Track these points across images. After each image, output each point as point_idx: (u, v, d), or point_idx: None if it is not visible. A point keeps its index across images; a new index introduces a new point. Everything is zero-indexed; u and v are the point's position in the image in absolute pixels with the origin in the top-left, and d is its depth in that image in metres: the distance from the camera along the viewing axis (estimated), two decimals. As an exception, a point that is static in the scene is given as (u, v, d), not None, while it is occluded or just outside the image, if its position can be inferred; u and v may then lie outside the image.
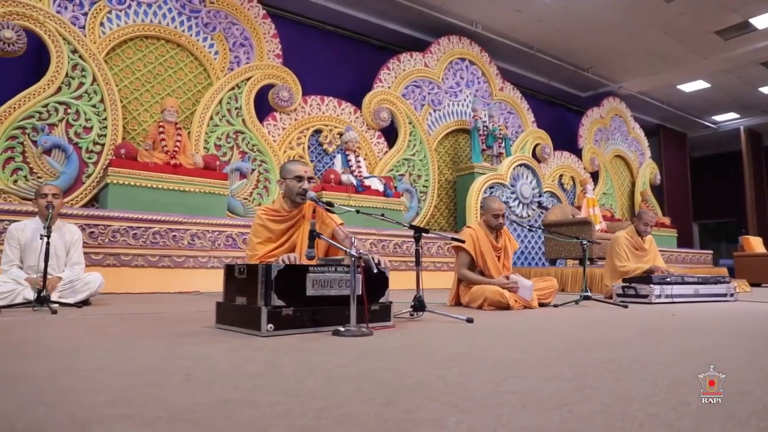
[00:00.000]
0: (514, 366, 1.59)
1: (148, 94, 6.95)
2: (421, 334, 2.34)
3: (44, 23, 6.13)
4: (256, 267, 2.23)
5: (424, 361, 1.66)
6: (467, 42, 10.00)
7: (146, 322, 2.68)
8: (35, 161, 6.01)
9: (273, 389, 1.24)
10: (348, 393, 1.21)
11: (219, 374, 1.41)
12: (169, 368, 1.49)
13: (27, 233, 3.86)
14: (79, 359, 1.61)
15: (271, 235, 2.98)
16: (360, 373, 1.44)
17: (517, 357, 1.76)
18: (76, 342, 1.98)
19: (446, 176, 9.56)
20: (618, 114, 12.76)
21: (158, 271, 5.65)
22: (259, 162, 7.43)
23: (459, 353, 1.83)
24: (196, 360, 1.63)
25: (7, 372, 1.41)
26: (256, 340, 2.03)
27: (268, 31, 7.80)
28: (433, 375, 1.43)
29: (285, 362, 1.60)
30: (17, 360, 1.60)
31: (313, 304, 2.31)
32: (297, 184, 2.96)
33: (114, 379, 1.32)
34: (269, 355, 1.73)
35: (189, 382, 1.31)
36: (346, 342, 2.05)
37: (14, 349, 1.81)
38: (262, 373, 1.44)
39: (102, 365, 1.52)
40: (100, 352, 1.74)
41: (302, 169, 2.99)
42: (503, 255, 4.08)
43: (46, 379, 1.32)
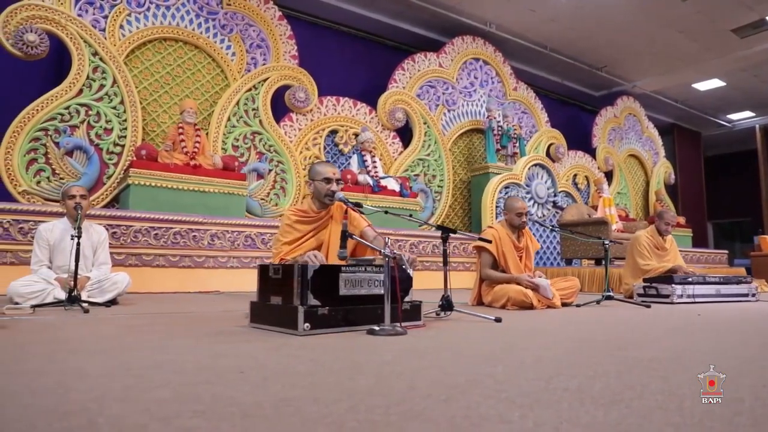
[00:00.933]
0: (556, 364, 1.61)
1: (166, 96, 7.02)
2: (454, 334, 2.37)
3: (66, 26, 6.21)
4: (291, 267, 2.26)
5: (467, 360, 1.68)
6: (481, 42, 10.00)
7: (179, 322, 2.72)
8: (57, 162, 6.09)
9: (329, 386, 1.26)
10: (404, 390, 1.23)
11: (271, 372, 1.44)
12: (219, 366, 1.53)
13: (56, 234, 3.92)
14: (130, 357, 1.65)
15: (299, 235, 3.02)
16: (408, 371, 1.47)
17: (555, 355, 1.78)
18: (119, 340, 2.02)
19: (461, 176, 9.57)
20: (632, 113, 12.70)
21: (179, 271, 5.71)
22: (276, 162, 7.47)
23: (498, 352, 1.85)
24: (243, 358, 1.66)
25: (67, 368, 1.45)
26: (294, 339, 2.07)
27: (284, 32, 7.85)
28: (480, 373, 1.46)
29: (330, 360, 1.63)
30: (72, 357, 1.64)
31: (346, 304, 2.34)
32: (325, 185, 3.00)
33: (171, 377, 1.36)
34: (313, 353, 1.76)
35: (244, 379, 1.34)
36: (383, 341, 2.07)
37: (64, 347, 1.86)
38: (313, 371, 1.47)
39: (154, 363, 1.56)
40: (148, 351, 1.78)
41: (330, 171, 3.02)
42: (525, 255, 4.09)
43: (107, 376, 1.35)
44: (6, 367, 1.48)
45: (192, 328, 2.41)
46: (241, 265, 6.08)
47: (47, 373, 1.39)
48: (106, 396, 1.14)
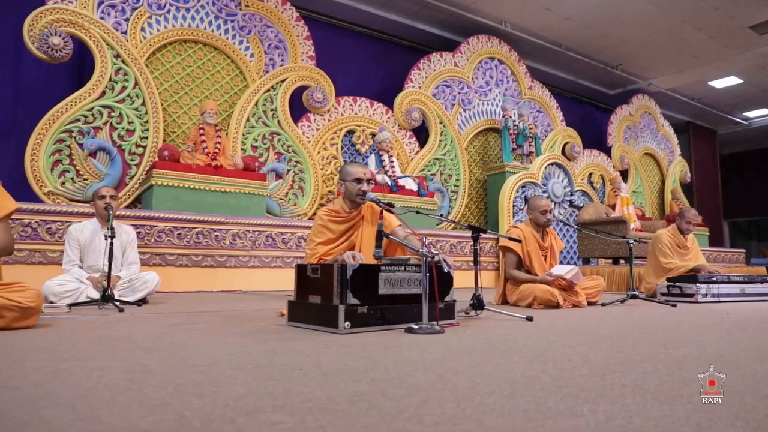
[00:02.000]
0: (604, 361, 1.63)
1: (186, 97, 7.09)
2: (492, 332, 2.39)
3: (89, 29, 6.29)
4: (331, 267, 2.30)
5: (516, 357, 1.70)
6: (496, 41, 10.00)
7: (216, 320, 2.76)
8: (81, 164, 6.17)
9: (392, 382, 1.29)
10: (467, 386, 1.26)
11: (329, 369, 1.48)
12: (276, 363, 1.56)
13: (86, 234, 3.99)
14: (188, 355, 1.69)
15: (332, 235, 3.06)
16: (464, 368, 1.50)
17: (601, 353, 1.80)
18: (168, 338, 2.07)
19: (476, 175, 9.57)
20: (647, 111, 12.64)
21: (201, 270, 5.77)
22: (294, 163, 7.52)
23: (543, 350, 1.87)
24: (296, 355, 1.70)
25: (131, 366, 1.49)
26: (337, 337, 2.10)
27: (301, 33, 7.90)
28: (533, 369, 1.48)
29: (381, 357, 1.66)
30: (131, 355, 1.68)
31: (385, 303, 2.37)
32: (356, 186, 3.03)
33: (235, 374, 1.40)
34: (362, 351, 1.79)
35: (306, 376, 1.37)
36: (424, 339, 2.10)
37: (118, 344, 1.90)
38: (369, 367, 1.50)
39: (213, 361, 1.59)
40: (201, 348, 1.82)
41: (361, 171, 3.06)
42: (549, 254, 4.10)
43: (173, 372, 1.39)
44: (70, 364, 1.52)
45: (232, 327, 2.45)
46: (262, 264, 6.13)
47: (113, 369, 1.43)
48: (181, 391, 1.18)
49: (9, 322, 2.23)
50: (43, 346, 1.83)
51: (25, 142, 5.89)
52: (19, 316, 2.25)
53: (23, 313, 2.26)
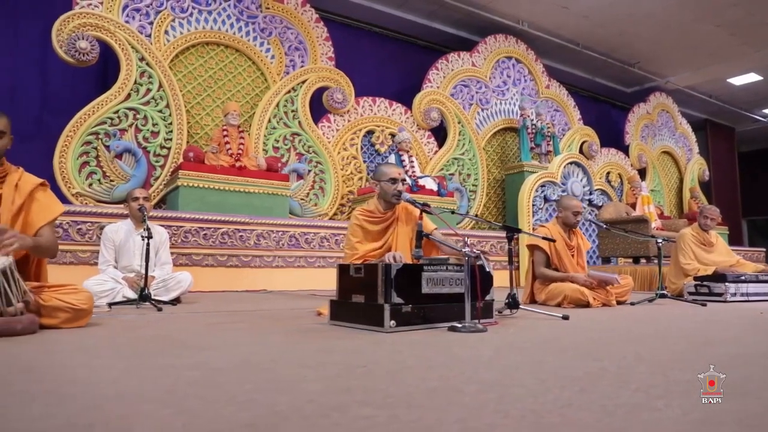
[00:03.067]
0: (657, 359, 1.65)
1: (209, 99, 7.17)
2: (533, 330, 2.41)
3: (115, 33, 6.38)
4: (375, 266, 2.34)
5: (569, 355, 1.73)
6: (513, 40, 10.00)
7: (257, 319, 2.81)
8: (108, 165, 6.26)
9: (460, 379, 1.33)
10: (534, 382, 1.29)
11: (391, 366, 1.51)
12: (336, 361, 1.60)
13: (121, 235, 4.05)
14: (247, 353, 1.73)
15: (368, 235, 3.10)
16: (523, 365, 1.53)
17: (650, 351, 1.82)
18: (219, 337, 2.12)
19: (494, 175, 9.58)
20: (665, 109, 12.56)
21: (227, 270, 5.84)
22: (315, 163, 7.58)
23: (592, 347, 1.89)
24: (352, 353, 1.73)
25: (196, 363, 1.53)
26: (384, 336, 2.13)
27: (320, 34, 7.95)
28: (593, 367, 1.51)
29: (435, 355, 1.70)
30: (191, 353, 1.73)
31: (427, 302, 2.40)
32: (391, 186, 3.07)
33: (304, 371, 1.43)
34: (414, 349, 1.82)
35: (372, 373, 1.41)
36: (469, 337, 2.13)
37: (173, 343, 1.95)
38: (430, 365, 1.53)
39: (274, 358, 1.64)
40: (256, 347, 1.87)
41: (396, 171, 3.09)
42: (577, 254, 4.11)
43: (241, 370, 1.44)
44: (137, 361, 1.57)
45: (275, 326, 2.50)
46: (286, 264, 6.19)
47: (183, 367, 1.47)
48: (261, 388, 1.22)
49: (61, 322, 2.28)
50: (103, 345, 1.89)
51: (51, 143, 5.98)
52: (71, 318, 2.30)
53: (76, 314, 2.32)
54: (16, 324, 2.03)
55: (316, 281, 6.24)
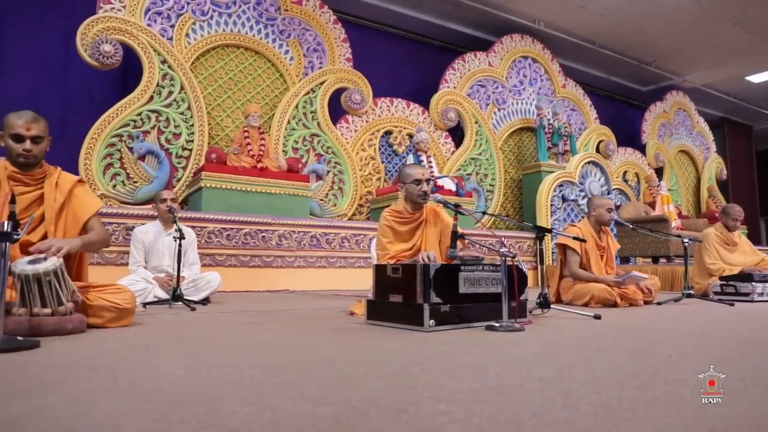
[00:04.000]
0: (701, 358, 1.66)
1: (229, 100, 7.24)
2: (569, 329, 2.42)
3: (137, 36, 6.46)
4: (413, 266, 2.36)
5: (612, 353, 1.74)
6: (529, 40, 9.99)
7: (291, 318, 2.85)
8: (131, 167, 6.35)
9: (517, 376, 1.35)
10: (591, 379, 1.31)
11: (444, 364, 1.54)
12: (388, 359, 1.63)
13: (150, 236, 4.11)
14: (300, 352, 1.77)
15: (397, 235, 3.13)
16: (576, 362, 1.55)
17: (692, 350, 1.83)
18: (261, 336, 2.15)
19: (511, 175, 9.57)
20: (682, 108, 12.48)
21: (249, 270, 5.89)
22: (334, 164, 7.62)
23: (634, 346, 1.90)
24: (400, 352, 1.76)
25: (257, 362, 1.57)
26: (424, 335, 2.16)
27: (338, 35, 7.99)
28: (641, 364, 1.53)
29: (484, 353, 1.72)
30: (246, 352, 1.77)
31: (464, 301, 2.43)
32: (416, 187, 3.09)
33: (363, 369, 1.47)
34: (459, 347, 1.85)
35: (428, 371, 1.44)
36: (508, 336, 2.15)
37: (220, 342, 1.99)
38: (481, 363, 1.56)
39: (325, 356, 1.67)
40: (305, 345, 1.90)
41: (420, 172, 3.12)
42: (606, 254, 4.11)
43: (302, 367, 1.47)
44: (195, 360, 1.61)
45: (313, 325, 2.53)
46: (307, 264, 6.23)
47: (243, 365, 1.51)
48: (328, 385, 1.25)
49: (106, 321, 2.33)
50: (155, 344, 1.93)
51: (73, 145, 6.06)
52: (115, 317, 2.35)
53: (120, 314, 2.36)
54: (67, 323, 2.08)
55: (336, 281, 6.28)
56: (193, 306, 3.39)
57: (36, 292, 2.05)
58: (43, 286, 2.06)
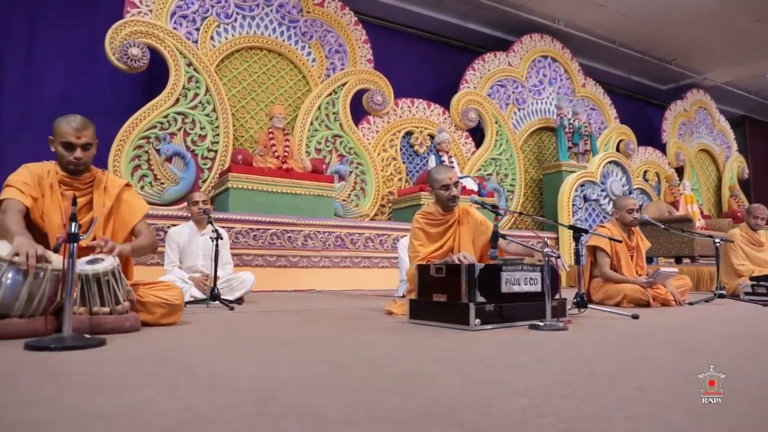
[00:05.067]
0: (753, 356, 1.68)
1: (253, 102, 7.31)
2: (611, 328, 2.44)
3: (164, 40, 6.55)
4: (458, 267, 2.40)
5: (665, 351, 1.76)
6: (549, 39, 9.97)
7: (331, 318, 2.89)
8: (159, 168, 6.44)
9: (585, 373, 1.38)
10: (655, 376, 1.34)
11: (505, 361, 1.57)
12: (448, 357, 1.66)
13: (184, 236, 4.19)
14: (360, 350, 1.81)
15: (429, 237, 3.16)
16: (636, 360, 1.57)
17: (741, 348, 1.84)
18: (308, 335, 2.20)
19: (531, 175, 9.56)
20: (702, 106, 12.37)
21: (275, 270, 5.96)
22: (356, 164, 7.67)
23: (683, 343, 1.92)
24: (455, 350, 1.80)
25: (320, 359, 1.61)
26: (471, 334, 2.19)
27: (359, 37, 8.04)
28: (698, 362, 1.54)
29: (540, 351, 1.75)
30: (303, 350, 1.81)
31: (506, 301, 2.46)
32: (445, 193, 3.12)
33: (429, 367, 1.50)
34: (511, 345, 1.88)
35: (494, 368, 1.47)
36: (554, 335, 2.17)
37: (273, 339, 2.04)
38: (542, 360, 1.59)
39: (388, 356, 1.71)
40: (361, 344, 1.94)
41: (447, 176, 3.14)
42: (636, 254, 4.11)
43: (367, 365, 1.51)
44: (264, 357, 1.65)
45: (358, 324, 2.58)
46: (332, 264, 6.29)
47: (309, 362, 1.55)
48: (404, 381, 1.29)
49: (157, 318, 2.39)
50: (215, 342, 1.98)
51: (102, 147, 6.07)
52: (166, 313, 2.41)
53: (170, 310, 2.42)
54: (124, 322, 2.14)
55: (361, 281, 6.33)
56: (231, 306, 3.45)
57: (95, 291, 2.11)
58: (102, 286, 2.12)
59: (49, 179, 2.44)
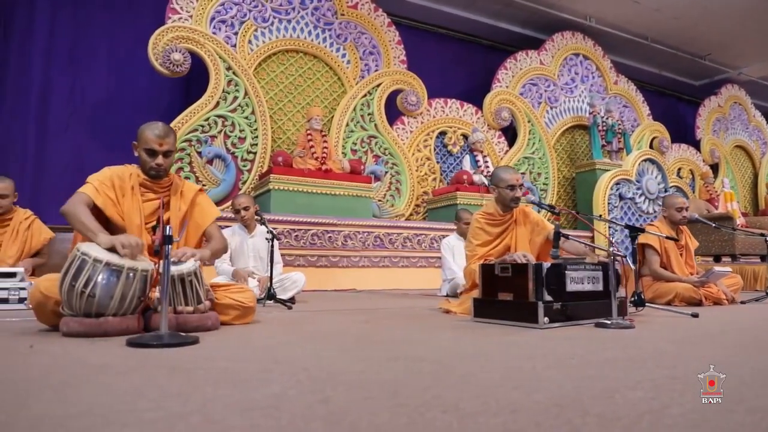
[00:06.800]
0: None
1: (290, 104, 7.42)
2: (677, 326, 2.46)
3: (204, 44, 6.70)
4: (525, 266, 2.44)
5: (747, 350, 1.79)
6: (580, 37, 9.92)
7: (396, 317, 2.95)
8: (200, 170, 6.59)
9: (679, 370, 1.41)
10: (752, 372, 1.37)
11: (597, 358, 1.61)
12: (532, 354, 1.71)
13: (236, 239, 4.30)
14: (443, 347, 1.87)
15: (488, 237, 3.22)
16: (724, 358, 1.60)
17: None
18: (385, 334, 2.26)
19: (564, 173, 9.52)
20: (737, 102, 12.17)
21: (316, 270, 6.05)
22: (391, 165, 7.74)
23: (760, 341, 1.94)
24: (535, 347, 1.84)
25: (411, 355, 1.68)
26: (542, 332, 2.23)
27: (392, 38, 8.11)
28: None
29: (621, 348, 1.78)
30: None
31: (571, 300, 2.49)
32: (510, 193, 3.16)
33: (518, 362, 1.56)
34: (587, 343, 1.91)
35: (589, 363, 1.51)
36: (623, 333, 2.20)
37: (356, 337, 2.11)
38: (629, 357, 1.62)
39: (476, 352, 1.76)
40: (440, 341, 2.00)
41: (514, 178, 3.18)
42: (686, 252, 4.10)
43: (462, 361, 1.57)
44: (359, 354, 1.72)
45: (425, 323, 2.63)
46: (371, 264, 6.36)
47: (409, 359, 1.62)
48: (520, 377, 1.34)
49: (232, 319, 2.48)
50: (300, 339, 2.06)
51: None
52: (240, 315, 2.50)
53: (244, 312, 2.51)
54: (206, 320, 2.23)
55: (400, 280, 6.39)
56: (289, 305, 3.53)
57: (180, 291, 2.20)
58: (186, 286, 2.22)
59: (131, 182, 2.54)
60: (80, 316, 2.04)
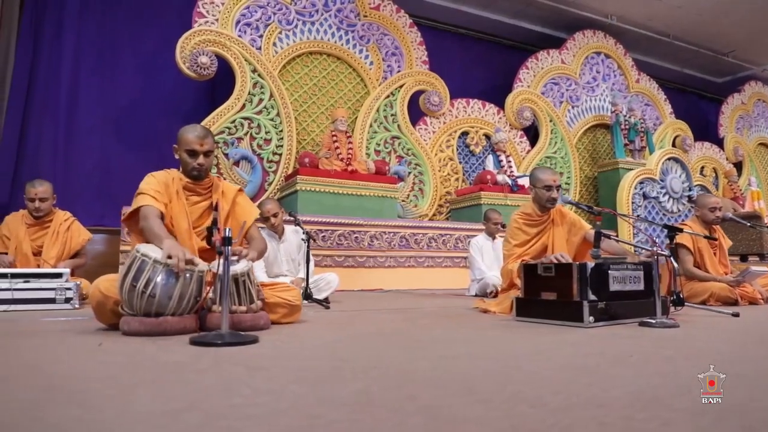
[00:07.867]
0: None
1: (314, 106, 7.49)
2: (721, 326, 2.47)
3: (230, 48, 6.79)
4: (569, 266, 2.47)
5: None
6: (601, 35, 9.88)
7: (439, 317, 2.99)
8: (228, 172, 6.67)
9: (744, 368, 1.44)
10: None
11: (655, 356, 1.64)
12: (586, 353, 1.74)
13: (269, 245, 4.34)
14: (494, 346, 1.90)
15: (526, 237, 3.25)
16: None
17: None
18: (428, 333, 2.31)
19: (586, 172, 9.49)
20: (761, 99, 12.03)
21: (343, 270, 6.09)
22: (414, 165, 7.77)
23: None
24: (587, 345, 1.87)
25: (463, 354, 1.72)
26: (588, 330, 2.26)
27: (414, 39, 8.14)
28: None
29: (676, 347, 1.80)
30: (450, 346, 1.92)
31: (614, 299, 2.51)
32: (546, 193, 3.19)
33: (589, 360, 1.59)
34: (637, 341, 1.94)
35: (650, 361, 1.54)
36: (668, 332, 2.22)
37: (410, 337, 2.15)
38: (685, 356, 1.65)
39: (530, 350, 1.80)
40: (484, 341, 2.04)
41: (551, 178, 3.20)
42: (719, 251, 4.09)
43: (514, 359, 1.60)
44: (421, 353, 1.76)
45: (467, 322, 2.67)
46: (397, 264, 6.40)
47: (461, 357, 1.65)
48: (579, 374, 1.37)
49: (279, 317, 2.53)
50: (351, 338, 2.10)
51: (168, 151, 6.39)
52: (287, 313, 2.55)
53: (291, 309, 2.56)
54: (259, 319, 2.29)
55: (425, 280, 6.42)
56: (326, 305, 3.59)
57: (233, 290, 2.26)
58: (239, 286, 2.27)
59: (174, 186, 2.60)
60: (140, 316, 2.10)
